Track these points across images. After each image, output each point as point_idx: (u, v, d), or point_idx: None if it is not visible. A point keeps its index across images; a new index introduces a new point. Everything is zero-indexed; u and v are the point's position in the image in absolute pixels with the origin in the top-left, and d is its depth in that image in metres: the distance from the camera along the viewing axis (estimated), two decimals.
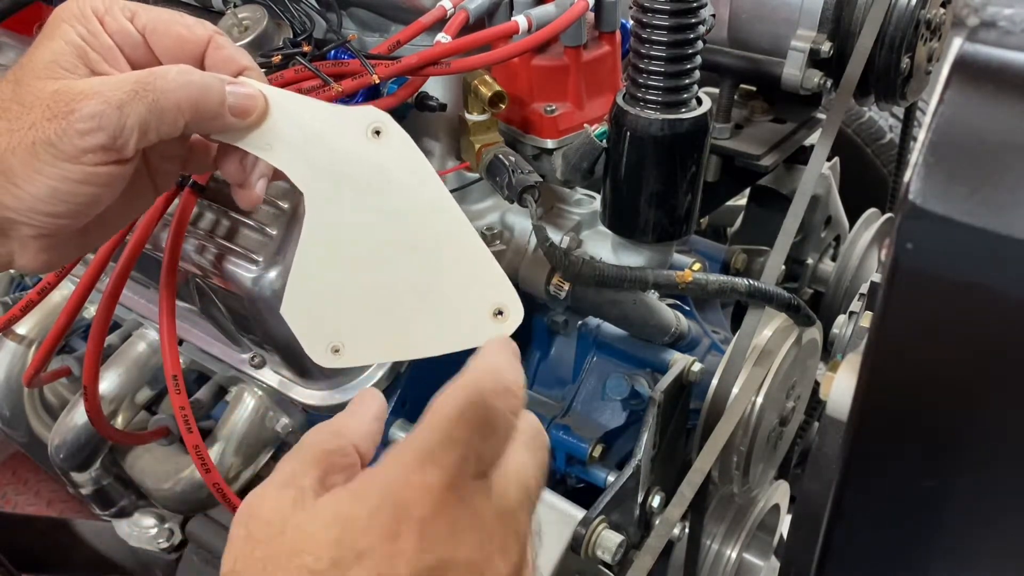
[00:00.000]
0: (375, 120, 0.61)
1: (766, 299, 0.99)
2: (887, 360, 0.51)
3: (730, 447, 0.99)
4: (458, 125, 1.04)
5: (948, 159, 0.46)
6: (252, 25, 0.99)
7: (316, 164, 0.61)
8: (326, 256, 0.61)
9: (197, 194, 0.88)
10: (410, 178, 0.62)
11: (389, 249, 0.61)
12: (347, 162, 0.61)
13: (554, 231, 1.03)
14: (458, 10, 0.97)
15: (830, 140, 1.08)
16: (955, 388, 0.50)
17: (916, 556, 0.57)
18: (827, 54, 1.13)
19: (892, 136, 1.74)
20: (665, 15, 0.87)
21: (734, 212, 1.49)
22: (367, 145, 0.61)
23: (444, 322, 0.60)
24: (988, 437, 0.51)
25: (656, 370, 1.04)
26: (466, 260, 0.60)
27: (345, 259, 0.61)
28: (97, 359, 0.93)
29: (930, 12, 1.17)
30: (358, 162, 0.61)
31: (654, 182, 0.93)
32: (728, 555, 1.16)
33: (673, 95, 0.90)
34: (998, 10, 0.48)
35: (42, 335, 1.21)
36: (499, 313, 0.59)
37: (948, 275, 0.46)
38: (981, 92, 0.47)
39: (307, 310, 0.62)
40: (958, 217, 0.45)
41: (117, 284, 0.88)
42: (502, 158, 0.98)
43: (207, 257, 0.92)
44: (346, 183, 0.61)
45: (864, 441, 0.54)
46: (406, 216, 0.61)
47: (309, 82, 0.91)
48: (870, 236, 1.37)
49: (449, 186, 1.08)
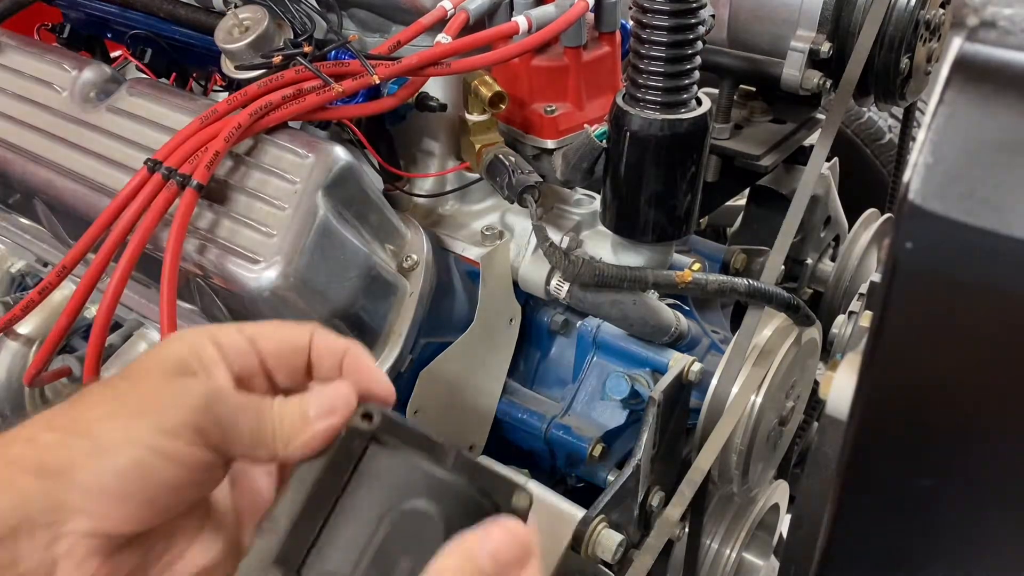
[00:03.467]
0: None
1: (766, 299, 0.99)
2: (887, 360, 0.51)
3: (730, 447, 0.99)
4: (458, 125, 1.04)
5: (948, 159, 0.46)
6: (253, 25, 0.99)
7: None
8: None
9: (197, 194, 0.88)
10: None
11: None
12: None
13: (554, 231, 1.03)
14: (458, 11, 0.97)
15: (829, 140, 1.08)
16: (955, 387, 0.50)
17: (915, 556, 0.57)
18: (827, 54, 1.13)
19: (891, 136, 1.74)
20: (665, 15, 0.87)
21: (734, 212, 1.49)
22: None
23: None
24: (988, 437, 0.51)
25: (656, 370, 1.04)
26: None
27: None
28: (98, 359, 0.93)
29: (929, 12, 1.17)
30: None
31: (654, 182, 0.93)
32: (728, 554, 1.16)
33: (673, 95, 0.90)
34: (998, 10, 0.48)
35: (43, 335, 1.21)
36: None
37: (948, 275, 0.46)
38: (981, 92, 0.47)
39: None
40: (958, 217, 0.45)
41: (118, 284, 0.88)
42: (502, 158, 0.98)
43: (207, 257, 0.92)
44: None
45: (864, 441, 0.54)
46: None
47: (309, 82, 0.91)
48: (869, 236, 1.37)
49: (449, 186, 1.09)
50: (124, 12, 1.21)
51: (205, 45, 1.11)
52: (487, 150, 1.00)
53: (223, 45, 1.00)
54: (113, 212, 0.90)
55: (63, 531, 0.52)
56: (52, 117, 1.07)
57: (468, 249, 1.04)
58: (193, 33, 1.15)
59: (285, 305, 0.89)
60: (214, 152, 0.88)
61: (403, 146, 1.10)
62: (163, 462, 0.53)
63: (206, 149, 0.88)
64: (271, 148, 0.93)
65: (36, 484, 0.52)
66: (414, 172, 1.10)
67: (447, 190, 1.09)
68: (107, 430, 0.53)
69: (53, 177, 1.04)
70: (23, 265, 1.32)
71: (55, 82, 1.09)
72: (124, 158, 1.00)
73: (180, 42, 1.18)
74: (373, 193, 0.95)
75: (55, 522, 0.52)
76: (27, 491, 0.52)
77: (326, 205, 0.90)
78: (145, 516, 0.54)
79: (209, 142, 0.89)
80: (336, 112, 0.94)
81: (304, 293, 0.89)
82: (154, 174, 0.89)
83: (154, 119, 1.01)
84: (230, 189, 0.93)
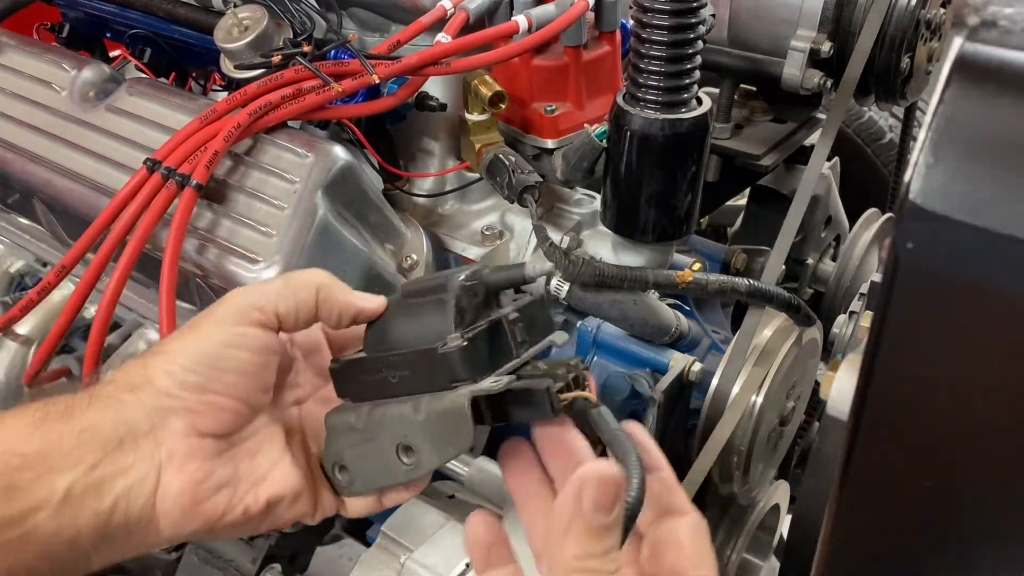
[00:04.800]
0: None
1: (766, 299, 0.98)
2: (888, 360, 0.51)
3: (730, 447, 0.99)
4: (458, 125, 1.04)
5: (948, 159, 0.46)
6: (252, 25, 0.99)
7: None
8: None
9: (197, 193, 0.88)
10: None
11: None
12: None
13: (554, 231, 1.03)
14: (458, 10, 0.97)
15: (830, 140, 1.08)
16: (955, 387, 0.50)
17: (916, 556, 0.57)
18: (827, 54, 1.13)
19: (892, 136, 1.74)
20: (665, 15, 0.87)
21: (734, 212, 1.49)
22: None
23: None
24: (988, 436, 0.51)
25: (656, 370, 1.04)
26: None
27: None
28: (97, 359, 0.93)
29: (930, 12, 1.17)
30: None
31: (654, 182, 0.92)
32: (728, 555, 1.16)
33: (673, 95, 0.90)
34: (998, 9, 0.48)
35: (42, 335, 1.21)
36: None
37: (948, 274, 0.46)
38: (981, 92, 0.47)
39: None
40: (958, 216, 0.45)
41: (117, 284, 0.88)
42: (502, 158, 0.98)
43: (207, 257, 0.92)
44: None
45: (864, 441, 0.54)
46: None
47: (309, 82, 0.91)
48: (870, 236, 1.37)
49: (449, 186, 1.09)
50: (123, 11, 1.21)
51: (204, 44, 1.11)
52: (487, 150, 1.00)
53: (222, 44, 1.00)
54: (112, 212, 0.90)
55: (162, 436, 0.61)
56: (51, 117, 1.07)
57: (468, 249, 1.04)
58: (192, 32, 1.15)
59: None
60: (213, 152, 0.87)
61: (403, 146, 1.10)
62: (228, 349, 0.63)
63: (205, 149, 0.88)
64: (270, 148, 0.93)
65: (131, 396, 0.61)
66: (414, 172, 1.10)
67: (447, 190, 1.09)
68: (179, 343, 0.63)
69: (52, 177, 1.04)
70: (22, 265, 1.32)
71: (54, 82, 1.09)
72: (123, 158, 1.00)
73: (179, 41, 1.18)
74: (373, 193, 0.95)
75: (154, 428, 0.61)
76: (125, 403, 0.61)
77: (326, 205, 0.89)
78: (225, 408, 0.63)
79: (208, 142, 0.88)
80: (336, 112, 0.94)
81: None
82: (153, 174, 0.89)
83: (153, 119, 1.01)
84: (229, 189, 0.93)
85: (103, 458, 0.59)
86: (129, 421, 0.60)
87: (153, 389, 0.61)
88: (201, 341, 0.63)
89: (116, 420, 0.60)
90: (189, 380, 0.61)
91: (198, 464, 0.62)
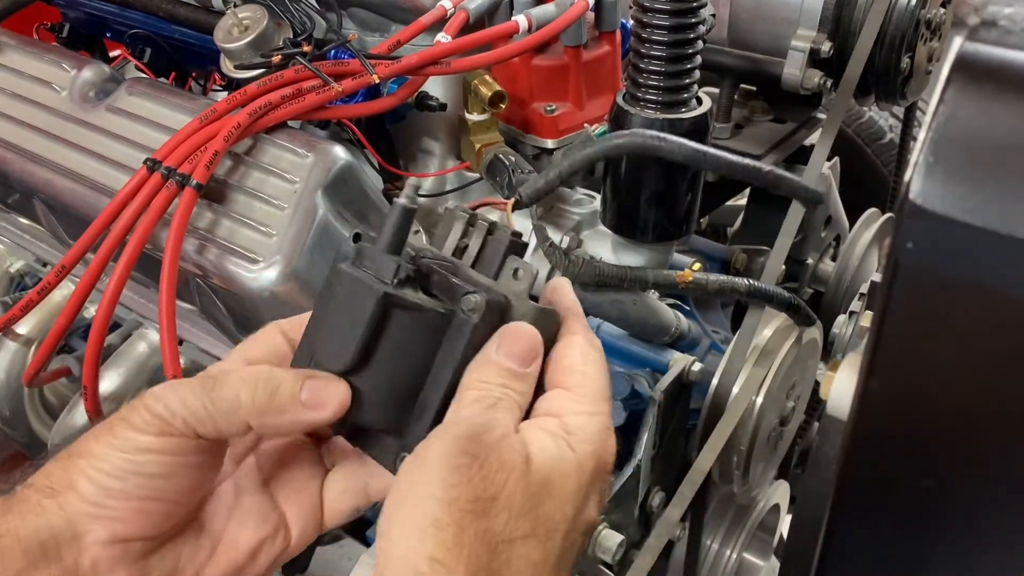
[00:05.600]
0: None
1: (766, 299, 0.98)
2: (887, 360, 0.51)
3: (730, 447, 0.99)
4: (458, 125, 1.04)
5: (948, 158, 0.46)
6: (252, 25, 0.99)
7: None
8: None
9: (197, 193, 0.88)
10: None
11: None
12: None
13: (554, 231, 1.03)
14: (458, 10, 0.97)
15: (830, 140, 1.08)
16: (955, 387, 0.50)
17: (916, 556, 0.57)
18: (827, 54, 1.13)
19: (892, 136, 1.74)
20: (665, 15, 0.86)
21: (734, 212, 1.49)
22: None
23: None
24: (988, 436, 0.51)
25: (656, 370, 1.04)
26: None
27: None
28: (97, 359, 0.93)
29: (930, 12, 1.17)
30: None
31: (654, 182, 0.92)
32: (728, 555, 1.16)
33: (673, 95, 0.90)
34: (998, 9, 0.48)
35: (42, 335, 1.21)
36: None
37: (948, 274, 0.46)
38: (981, 91, 0.47)
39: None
40: (958, 216, 0.45)
41: (117, 284, 0.88)
42: (502, 158, 0.98)
43: (207, 257, 0.92)
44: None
45: (864, 441, 0.54)
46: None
47: (309, 82, 0.91)
48: (870, 236, 1.37)
49: (449, 186, 1.09)
50: (123, 11, 1.21)
51: (204, 44, 1.11)
52: (487, 150, 1.00)
53: (222, 44, 1.00)
54: (112, 212, 0.90)
55: (85, 543, 0.57)
56: (51, 117, 1.07)
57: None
58: (192, 32, 1.15)
59: (284, 305, 0.89)
60: (213, 152, 0.87)
61: (403, 146, 1.10)
62: (151, 456, 0.57)
63: (205, 149, 0.88)
64: (270, 148, 0.93)
65: (51, 502, 0.57)
66: (414, 172, 1.10)
67: (447, 190, 1.09)
68: (99, 446, 0.58)
69: (52, 177, 1.04)
70: (22, 265, 1.32)
71: (54, 81, 1.09)
72: (123, 158, 1.00)
73: (179, 41, 1.18)
74: (373, 193, 0.95)
75: (76, 535, 0.57)
76: (46, 509, 0.57)
77: (326, 205, 0.89)
78: (153, 512, 0.58)
79: (208, 142, 0.88)
80: (336, 112, 0.94)
81: (304, 293, 0.89)
82: (153, 174, 0.89)
83: (153, 118, 1.01)
84: (229, 189, 0.93)
85: (25, 566, 0.55)
86: (52, 527, 0.56)
87: (75, 495, 0.57)
88: (125, 443, 0.58)
89: (38, 527, 0.56)
90: (113, 487, 0.57)
91: (126, 570, 0.58)
